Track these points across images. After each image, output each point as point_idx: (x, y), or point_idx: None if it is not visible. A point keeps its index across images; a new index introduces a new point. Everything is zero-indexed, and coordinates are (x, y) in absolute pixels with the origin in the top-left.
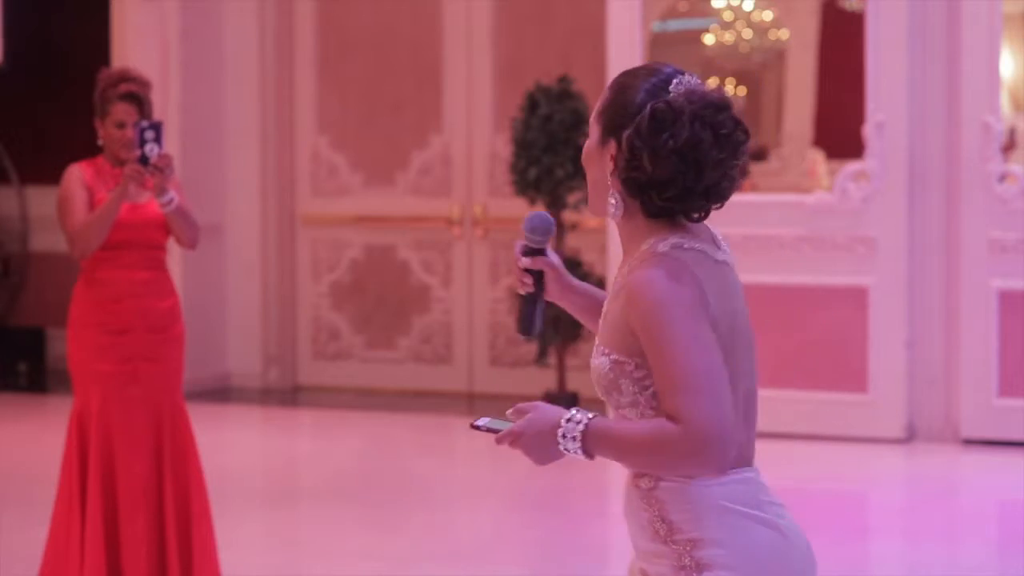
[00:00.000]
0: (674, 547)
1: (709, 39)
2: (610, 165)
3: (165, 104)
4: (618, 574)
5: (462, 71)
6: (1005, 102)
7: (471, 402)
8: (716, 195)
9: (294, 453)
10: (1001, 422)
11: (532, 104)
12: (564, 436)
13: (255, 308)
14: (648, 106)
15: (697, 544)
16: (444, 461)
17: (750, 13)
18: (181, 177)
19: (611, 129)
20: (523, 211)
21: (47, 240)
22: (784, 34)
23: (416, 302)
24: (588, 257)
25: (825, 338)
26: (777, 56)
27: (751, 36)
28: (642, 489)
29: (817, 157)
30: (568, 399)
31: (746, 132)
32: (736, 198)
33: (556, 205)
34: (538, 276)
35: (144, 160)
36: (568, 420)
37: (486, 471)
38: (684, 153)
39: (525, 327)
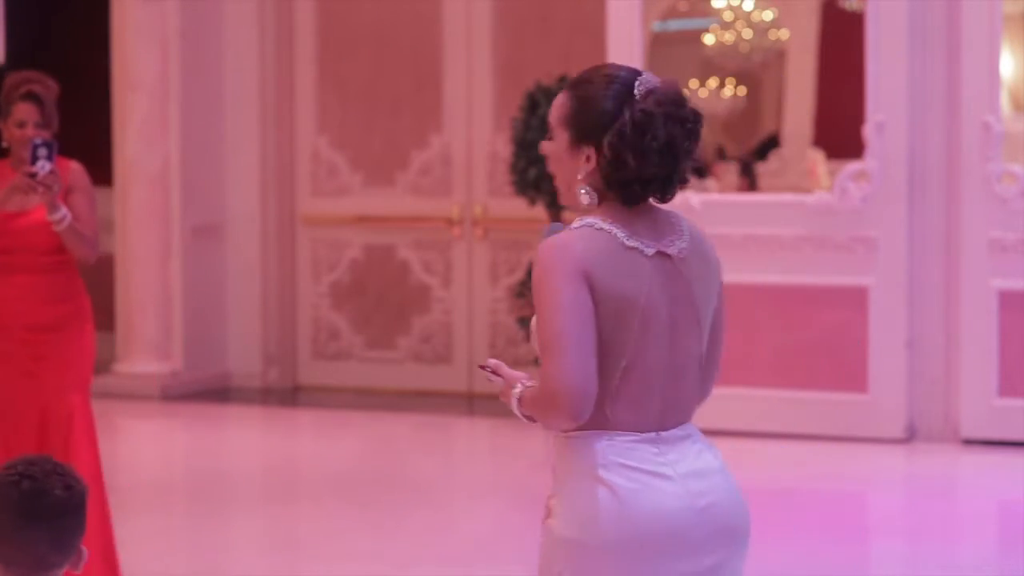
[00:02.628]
0: (551, 491)
1: (709, 39)
2: (586, 166)
3: (165, 104)
4: None
5: (462, 71)
6: (1005, 102)
7: (471, 402)
8: (685, 180)
9: (294, 453)
10: (1001, 422)
11: (532, 104)
12: (513, 401)
13: (255, 308)
14: (627, 115)
15: (554, 492)
16: (444, 461)
17: (750, 13)
18: (181, 177)
19: (584, 135)
20: (523, 211)
21: None
22: (784, 34)
23: (416, 302)
24: None
25: (825, 338)
26: (777, 56)
27: (751, 36)
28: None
29: (817, 157)
30: None
31: (699, 116)
32: (736, 198)
33: (556, 205)
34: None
35: (33, 176)
36: (516, 390)
37: (486, 471)
38: (663, 151)
39: None
